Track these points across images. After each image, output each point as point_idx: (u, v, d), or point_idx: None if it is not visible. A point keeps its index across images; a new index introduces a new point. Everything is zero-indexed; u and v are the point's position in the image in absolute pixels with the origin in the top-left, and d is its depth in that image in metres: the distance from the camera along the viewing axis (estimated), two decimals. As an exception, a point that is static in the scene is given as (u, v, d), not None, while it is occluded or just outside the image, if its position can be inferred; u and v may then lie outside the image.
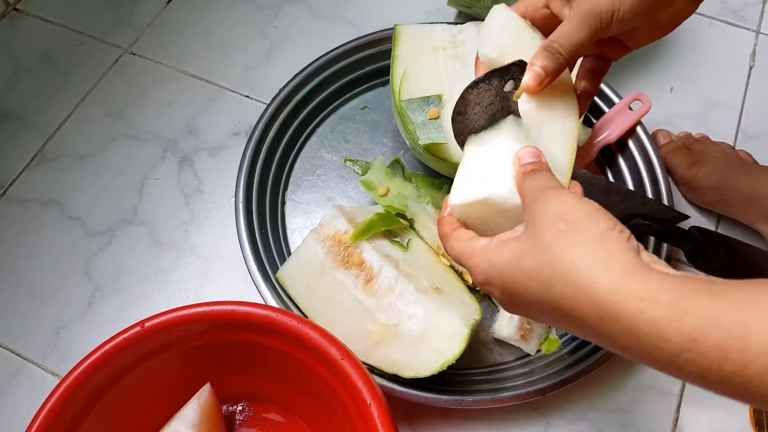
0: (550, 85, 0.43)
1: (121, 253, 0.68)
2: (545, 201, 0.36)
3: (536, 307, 0.36)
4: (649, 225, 0.48)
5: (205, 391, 0.53)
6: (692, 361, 0.29)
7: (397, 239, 0.62)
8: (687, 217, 0.48)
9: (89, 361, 0.47)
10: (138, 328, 0.48)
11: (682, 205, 0.68)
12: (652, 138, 0.67)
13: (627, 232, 0.34)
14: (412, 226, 0.63)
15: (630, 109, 0.67)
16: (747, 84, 0.75)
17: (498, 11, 0.46)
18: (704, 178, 0.65)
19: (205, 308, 0.49)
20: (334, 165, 0.71)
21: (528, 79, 0.42)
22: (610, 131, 0.67)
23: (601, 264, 0.32)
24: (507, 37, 0.45)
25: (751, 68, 0.76)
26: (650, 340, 0.30)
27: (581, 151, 0.67)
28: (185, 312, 0.49)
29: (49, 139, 0.75)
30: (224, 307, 0.49)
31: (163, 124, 0.76)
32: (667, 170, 0.68)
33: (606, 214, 0.35)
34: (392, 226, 0.61)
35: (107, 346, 0.47)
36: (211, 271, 0.67)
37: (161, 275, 0.67)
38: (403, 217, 0.63)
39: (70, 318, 0.65)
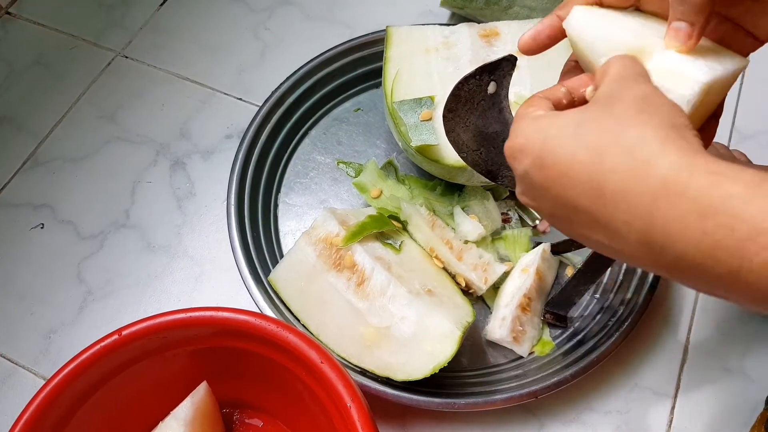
0: None
1: (113, 257, 0.68)
2: (636, 82, 0.33)
3: (567, 184, 0.32)
4: None
5: (201, 389, 0.53)
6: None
7: (389, 241, 0.61)
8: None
9: (66, 371, 0.47)
10: (116, 336, 0.48)
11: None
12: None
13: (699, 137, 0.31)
14: (405, 228, 0.63)
15: None
16: (741, 83, 0.75)
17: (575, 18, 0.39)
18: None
19: (183, 315, 0.49)
20: (327, 167, 0.70)
21: (672, 35, 0.35)
22: None
23: (673, 143, 0.29)
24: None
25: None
26: (720, 219, 0.26)
27: None
28: (163, 319, 0.49)
29: (41, 142, 0.75)
30: (202, 313, 0.49)
31: (156, 127, 0.76)
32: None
33: (687, 117, 0.32)
34: (384, 228, 0.61)
35: (84, 356, 0.48)
36: (203, 274, 0.67)
37: (153, 279, 0.67)
38: (396, 219, 0.63)
39: (62, 322, 0.65)
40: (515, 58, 0.42)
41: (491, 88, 0.42)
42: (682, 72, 0.34)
